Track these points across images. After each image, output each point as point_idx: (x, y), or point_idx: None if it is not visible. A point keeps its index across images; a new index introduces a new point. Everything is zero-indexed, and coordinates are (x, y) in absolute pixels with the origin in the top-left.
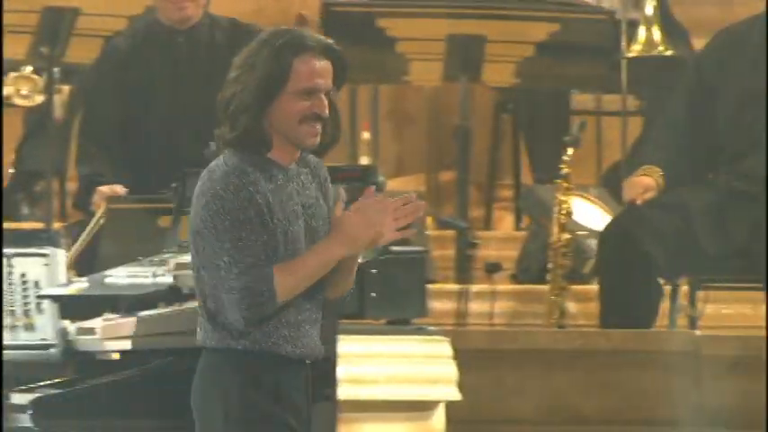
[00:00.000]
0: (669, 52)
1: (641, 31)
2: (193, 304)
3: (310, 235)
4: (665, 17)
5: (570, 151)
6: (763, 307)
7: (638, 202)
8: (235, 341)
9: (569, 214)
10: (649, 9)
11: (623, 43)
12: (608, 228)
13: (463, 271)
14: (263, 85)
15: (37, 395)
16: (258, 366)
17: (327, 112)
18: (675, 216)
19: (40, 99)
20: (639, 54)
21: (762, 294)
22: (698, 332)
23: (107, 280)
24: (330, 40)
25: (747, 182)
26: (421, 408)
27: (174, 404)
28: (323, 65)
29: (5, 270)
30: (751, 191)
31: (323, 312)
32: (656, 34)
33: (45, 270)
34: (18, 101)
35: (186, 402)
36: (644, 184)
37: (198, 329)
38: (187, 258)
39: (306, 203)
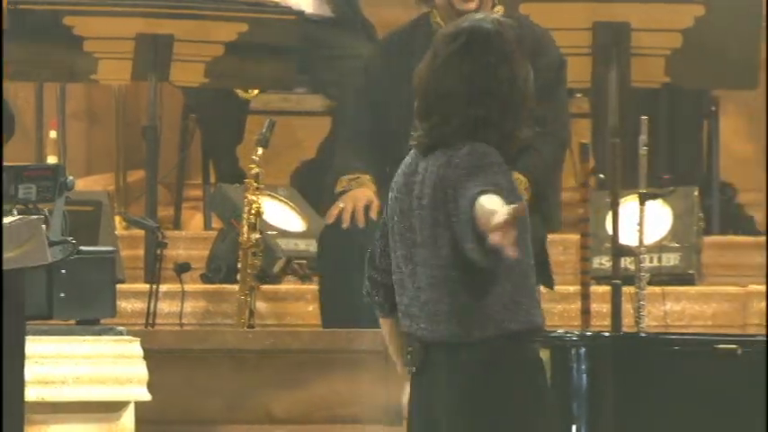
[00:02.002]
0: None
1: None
2: None
3: None
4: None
5: (260, 151)
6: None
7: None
8: None
9: (259, 214)
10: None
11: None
12: (326, 228)
13: (152, 271)
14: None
15: None
16: None
17: None
18: None
19: None
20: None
21: None
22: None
23: None
24: None
25: None
26: (111, 408)
27: None
28: None
29: None
30: None
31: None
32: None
33: None
34: None
35: None
36: (366, 196)
37: None
38: None
39: None
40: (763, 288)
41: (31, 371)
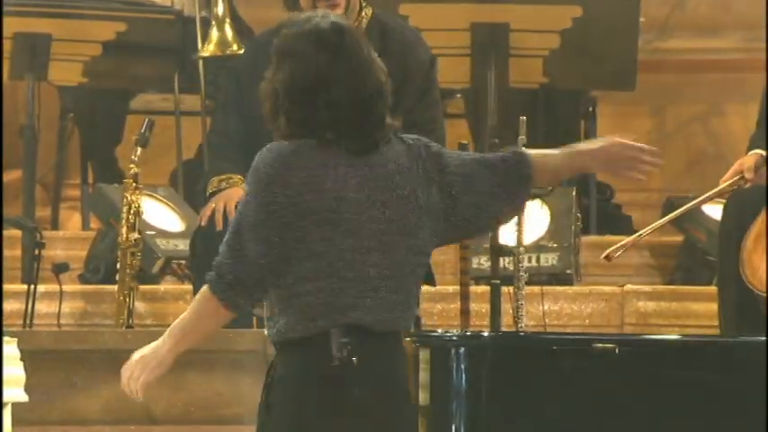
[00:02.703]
0: (242, 51)
1: (213, 31)
2: None
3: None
4: (234, 17)
5: (139, 151)
6: None
7: None
8: None
9: (138, 214)
10: (221, 9)
11: (199, 43)
12: (199, 229)
13: (30, 271)
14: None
15: None
16: None
17: None
18: None
19: None
20: (213, 53)
21: None
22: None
23: None
24: None
25: None
26: None
27: None
28: None
29: None
30: None
31: None
32: (229, 34)
33: None
34: None
35: None
36: (238, 195)
37: None
38: None
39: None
40: (638, 287)
41: None
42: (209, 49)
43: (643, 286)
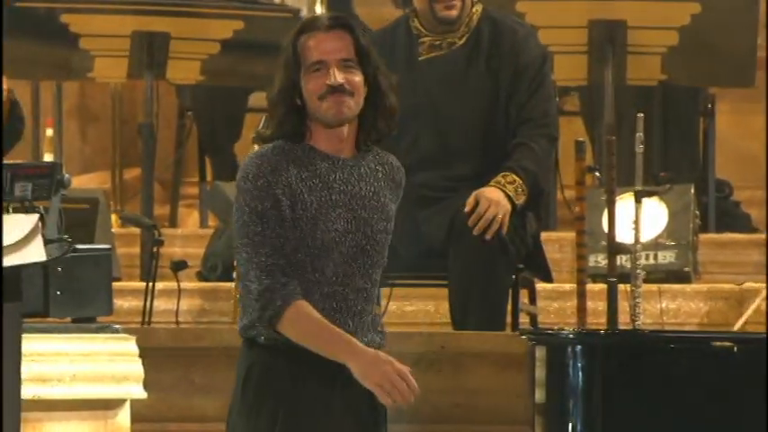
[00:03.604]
0: None
1: None
2: None
3: (358, 225)
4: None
5: (256, 148)
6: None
7: None
8: None
9: None
10: (319, 8)
11: None
12: None
13: (148, 269)
14: (283, 71)
15: None
16: None
17: (344, 82)
18: None
19: None
20: None
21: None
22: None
23: None
24: (340, 15)
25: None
26: (106, 406)
27: None
28: (329, 37)
29: None
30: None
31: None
32: None
33: None
34: None
35: None
36: None
37: None
38: None
39: (357, 194)
40: (758, 285)
41: (27, 369)
42: None
43: (762, 284)
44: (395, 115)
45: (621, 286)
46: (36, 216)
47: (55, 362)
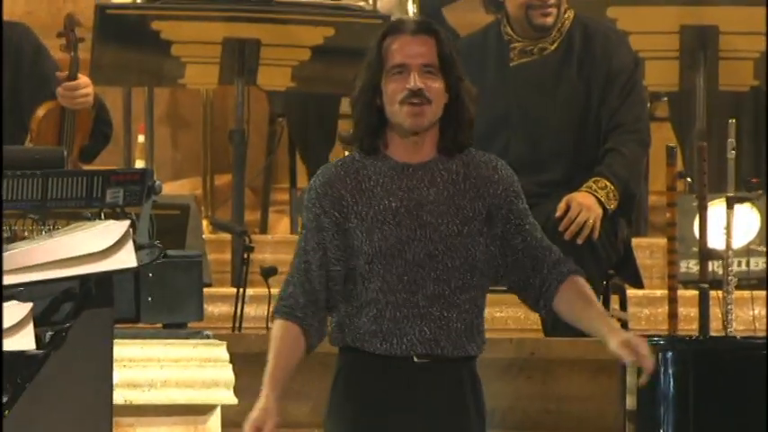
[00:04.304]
0: None
1: None
2: None
3: (424, 231)
4: (438, 21)
5: (346, 154)
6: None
7: None
8: None
9: None
10: (411, 11)
11: None
12: None
13: (239, 275)
14: (366, 72)
15: None
16: None
17: (423, 87)
18: None
19: None
20: None
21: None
22: None
23: None
24: (427, 20)
25: None
26: (197, 412)
27: None
28: (414, 41)
29: None
30: None
31: None
32: None
33: None
34: None
35: None
36: None
37: None
38: None
39: (423, 200)
40: None
41: (118, 374)
42: None
43: None
44: (473, 128)
45: (713, 293)
46: (127, 222)
47: (146, 367)
